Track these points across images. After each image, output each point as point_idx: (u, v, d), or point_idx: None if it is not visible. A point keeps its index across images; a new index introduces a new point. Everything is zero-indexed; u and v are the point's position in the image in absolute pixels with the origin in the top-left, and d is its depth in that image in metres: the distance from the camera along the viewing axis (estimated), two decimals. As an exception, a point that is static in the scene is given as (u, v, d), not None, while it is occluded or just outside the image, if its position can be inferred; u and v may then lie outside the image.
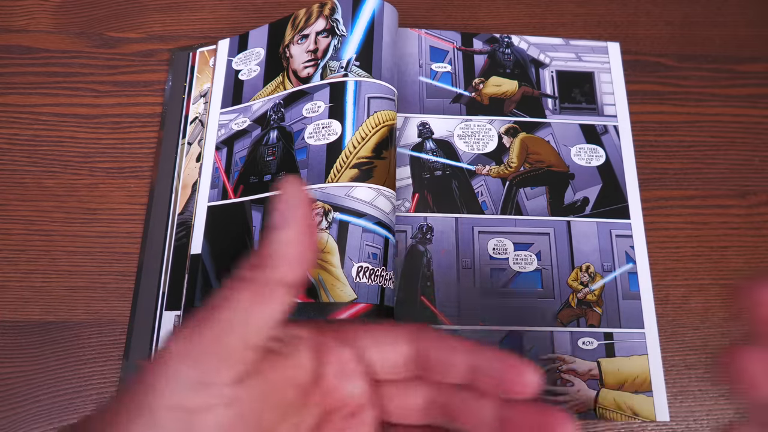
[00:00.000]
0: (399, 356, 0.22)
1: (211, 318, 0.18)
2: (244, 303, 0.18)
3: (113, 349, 0.36)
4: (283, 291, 0.19)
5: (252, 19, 0.45)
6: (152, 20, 0.45)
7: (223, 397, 0.18)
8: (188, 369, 0.18)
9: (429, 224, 0.39)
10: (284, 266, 0.19)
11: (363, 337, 0.23)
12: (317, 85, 0.39)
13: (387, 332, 0.23)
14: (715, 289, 0.40)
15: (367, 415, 0.22)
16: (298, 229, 0.19)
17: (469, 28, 0.46)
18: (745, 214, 0.42)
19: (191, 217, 0.39)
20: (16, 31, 0.44)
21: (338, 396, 0.22)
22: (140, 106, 0.43)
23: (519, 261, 0.39)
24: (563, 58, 0.45)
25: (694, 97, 0.45)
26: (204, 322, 0.18)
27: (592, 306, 0.38)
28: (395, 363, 0.22)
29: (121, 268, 0.38)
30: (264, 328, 0.19)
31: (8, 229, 0.39)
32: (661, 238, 0.41)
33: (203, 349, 0.18)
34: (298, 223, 0.19)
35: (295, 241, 0.19)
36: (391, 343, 0.22)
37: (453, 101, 0.43)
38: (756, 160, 0.43)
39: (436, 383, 0.22)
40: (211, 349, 0.18)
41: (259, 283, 0.19)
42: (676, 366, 0.38)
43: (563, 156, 0.42)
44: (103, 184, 0.40)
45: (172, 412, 0.17)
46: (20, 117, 0.42)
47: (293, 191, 0.19)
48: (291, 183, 0.19)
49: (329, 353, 0.22)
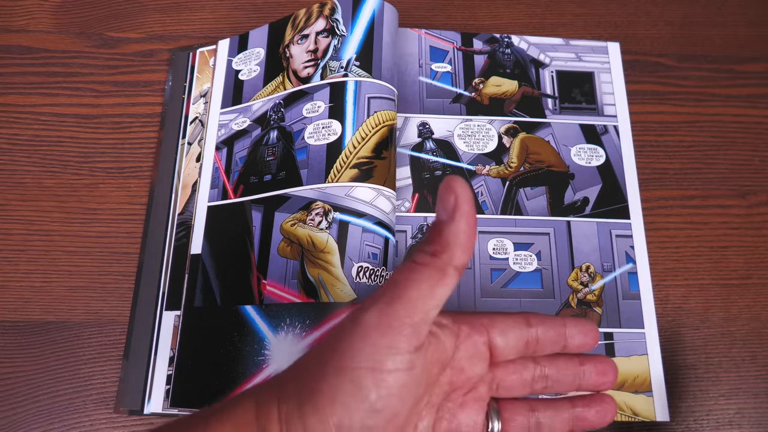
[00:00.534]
0: (518, 340, 0.27)
1: (402, 295, 0.22)
2: (427, 283, 0.22)
3: (113, 349, 0.36)
4: (456, 273, 0.23)
5: (252, 19, 0.45)
6: (152, 20, 0.45)
7: (407, 362, 0.22)
8: (383, 337, 0.21)
9: (429, 224, 0.39)
10: (459, 251, 0.22)
11: (491, 325, 0.26)
12: (317, 85, 0.39)
13: (508, 321, 0.27)
14: (715, 289, 0.40)
15: (481, 390, 0.26)
16: (468, 222, 0.22)
17: (469, 28, 0.46)
18: (745, 214, 0.42)
19: (191, 217, 0.39)
20: (16, 31, 0.44)
21: (465, 375, 0.26)
22: (140, 106, 0.43)
23: (519, 261, 0.39)
24: (563, 58, 0.45)
25: (694, 97, 0.45)
26: (396, 298, 0.22)
27: (592, 306, 0.38)
28: (515, 345, 0.27)
29: (121, 268, 0.38)
30: (438, 306, 0.23)
31: (8, 229, 0.39)
32: (661, 238, 0.41)
33: (396, 321, 0.22)
34: (468, 216, 0.22)
35: (466, 232, 0.22)
36: (513, 330, 0.27)
37: (453, 101, 0.43)
38: (756, 160, 0.43)
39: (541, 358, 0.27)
40: (402, 322, 0.22)
41: (438, 267, 0.22)
42: (676, 366, 0.38)
43: (563, 156, 0.42)
44: (103, 184, 0.40)
45: (370, 372, 0.21)
46: (20, 117, 0.42)
47: (462, 189, 0.22)
48: (459, 182, 0.22)
49: (465, 339, 0.26)
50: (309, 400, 0.21)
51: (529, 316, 0.27)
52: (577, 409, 0.27)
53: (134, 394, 0.35)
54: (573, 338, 0.27)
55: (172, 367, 0.35)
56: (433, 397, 0.25)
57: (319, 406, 0.21)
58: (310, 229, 0.35)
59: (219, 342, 0.34)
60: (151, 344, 0.36)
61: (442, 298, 0.22)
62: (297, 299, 0.34)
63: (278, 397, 0.22)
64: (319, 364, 0.22)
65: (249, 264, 0.36)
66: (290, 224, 0.36)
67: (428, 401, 0.25)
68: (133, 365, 0.36)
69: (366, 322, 0.22)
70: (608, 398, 0.28)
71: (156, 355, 0.36)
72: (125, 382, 0.35)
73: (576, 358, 0.28)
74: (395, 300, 0.22)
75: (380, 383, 0.21)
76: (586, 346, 0.28)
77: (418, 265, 0.23)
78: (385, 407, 0.21)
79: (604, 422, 0.27)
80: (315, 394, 0.21)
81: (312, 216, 0.35)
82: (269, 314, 0.34)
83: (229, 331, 0.34)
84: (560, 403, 0.28)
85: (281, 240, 0.36)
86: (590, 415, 0.27)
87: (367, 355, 0.21)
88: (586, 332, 0.28)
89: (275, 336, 0.33)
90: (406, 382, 0.22)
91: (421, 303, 0.22)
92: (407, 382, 0.22)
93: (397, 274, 0.23)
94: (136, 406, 0.35)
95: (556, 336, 0.27)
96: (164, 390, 0.35)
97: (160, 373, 0.35)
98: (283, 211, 0.36)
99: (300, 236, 0.35)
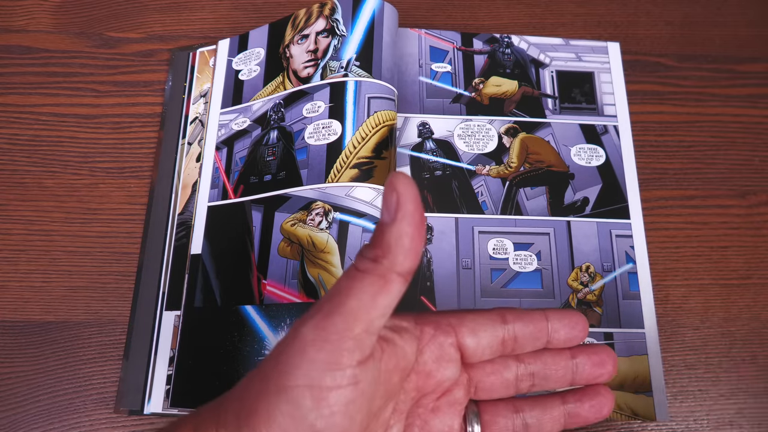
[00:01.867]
0: (493, 339, 0.25)
1: (340, 306, 0.20)
2: (368, 292, 0.20)
3: (113, 349, 0.36)
4: (401, 280, 0.21)
5: (252, 19, 0.45)
6: (152, 20, 0.45)
7: (349, 377, 0.20)
8: (321, 353, 0.20)
9: (429, 224, 0.39)
10: (401, 256, 0.21)
11: (460, 325, 0.25)
12: (317, 85, 0.39)
13: (480, 319, 0.25)
14: (715, 289, 0.40)
15: (457, 393, 0.25)
16: (411, 223, 0.21)
17: (469, 28, 0.46)
18: (745, 214, 0.42)
19: (191, 217, 0.39)
20: (16, 31, 0.44)
21: (435, 380, 0.24)
22: (140, 106, 0.43)
23: (519, 261, 0.39)
24: (563, 58, 0.45)
25: (694, 97, 0.45)
26: (334, 310, 0.20)
27: (592, 306, 0.38)
28: (489, 345, 0.25)
29: (121, 268, 0.38)
30: (384, 315, 0.21)
31: (8, 229, 0.39)
32: (661, 238, 0.41)
33: (335, 336, 0.20)
34: (411, 217, 0.20)
35: (410, 234, 0.21)
36: (485, 328, 0.25)
37: (453, 101, 0.43)
38: (756, 160, 0.43)
39: (525, 355, 0.25)
40: (341, 335, 0.20)
41: (379, 274, 0.21)
42: (676, 366, 0.38)
43: (563, 156, 0.42)
44: (103, 184, 0.40)
45: (308, 391, 0.20)
46: (20, 117, 0.42)
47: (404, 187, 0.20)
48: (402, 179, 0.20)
49: (430, 341, 0.24)
50: (246, 423, 0.20)
51: (505, 311, 0.25)
52: (568, 405, 0.26)
53: (134, 394, 0.35)
54: (558, 332, 0.25)
55: (172, 367, 0.35)
56: (399, 404, 0.24)
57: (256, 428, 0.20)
58: (310, 229, 0.35)
59: (219, 342, 0.34)
60: (151, 344, 0.36)
61: (387, 308, 0.21)
62: (297, 299, 0.34)
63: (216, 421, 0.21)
64: (262, 383, 0.21)
65: (249, 264, 0.36)
66: (290, 224, 0.36)
67: (395, 409, 0.24)
68: (133, 365, 0.36)
69: (303, 337, 0.20)
70: (603, 390, 0.26)
71: (156, 355, 0.36)
72: (125, 382, 0.35)
73: (567, 351, 0.26)
74: (333, 312, 0.20)
75: (320, 402, 0.20)
76: (574, 339, 0.26)
77: (359, 272, 0.21)
78: (327, 427, 0.20)
79: (600, 416, 0.26)
80: (252, 415, 0.20)
81: (312, 216, 0.36)
82: (269, 314, 0.34)
83: (229, 331, 0.34)
84: (549, 400, 0.26)
85: (281, 240, 0.36)
86: (584, 411, 0.26)
87: (305, 372, 0.20)
88: (572, 324, 0.25)
89: (275, 336, 0.33)
90: (352, 398, 0.20)
91: (362, 314, 0.20)
92: (354, 397, 0.20)
93: (339, 282, 0.21)
94: (136, 406, 0.35)
95: (536, 332, 0.25)
96: (164, 390, 0.35)
97: (160, 373, 0.35)
98: (283, 211, 0.36)
99: (300, 236, 0.35)
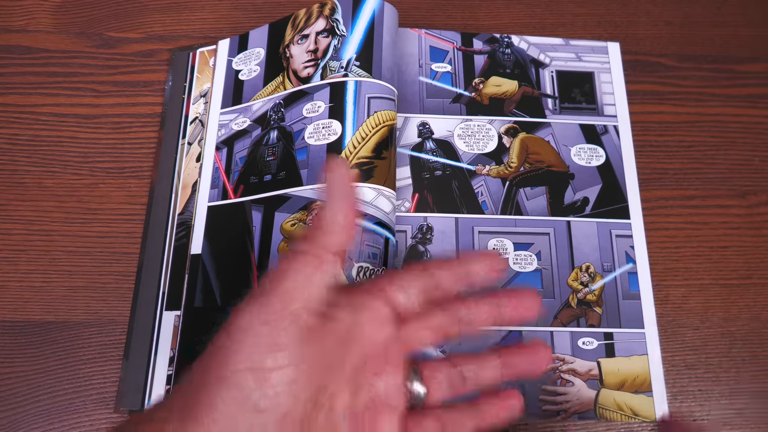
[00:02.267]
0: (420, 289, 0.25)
1: (277, 287, 0.21)
2: (303, 272, 0.22)
3: (113, 349, 0.36)
4: (334, 258, 0.22)
5: (252, 19, 0.45)
6: (152, 20, 0.45)
7: (291, 357, 0.21)
8: (261, 335, 0.21)
9: (429, 224, 0.39)
10: (336, 234, 0.22)
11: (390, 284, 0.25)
12: (317, 85, 0.39)
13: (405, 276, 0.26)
14: (715, 289, 0.40)
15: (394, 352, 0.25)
16: (343, 204, 0.22)
17: (469, 28, 0.46)
18: (745, 214, 0.42)
19: (191, 217, 0.39)
20: (16, 31, 0.44)
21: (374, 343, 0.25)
22: (140, 106, 0.43)
23: (519, 261, 0.39)
24: (563, 58, 0.45)
25: (694, 97, 0.45)
26: (271, 292, 0.21)
27: (592, 306, 0.38)
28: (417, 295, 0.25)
29: (121, 268, 0.38)
30: (321, 293, 0.22)
31: (8, 229, 0.39)
32: (661, 238, 0.41)
33: (273, 316, 0.21)
34: (342, 198, 0.22)
35: (343, 210, 0.22)
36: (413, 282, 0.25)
37: (453, 101, 0.43)
38: (756, 160, 0.43)
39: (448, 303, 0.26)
40: (278, 315, 0.21)
41: (314, 253, 0.22)
42: (676, 366, 0.38)
43: (563, 156, 0.42)
44: (103, 184, 0.40)
45: (251, 373, 0.20)
46: (20, 117, 0.42)
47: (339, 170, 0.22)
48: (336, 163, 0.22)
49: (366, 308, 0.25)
50: (190, 416, 0.20)
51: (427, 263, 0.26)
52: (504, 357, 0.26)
53: (134, 394, 0.35)
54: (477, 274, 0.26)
55: (172, 367, 0.35)
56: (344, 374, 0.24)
57: (199, 419, 0.20)
58: (310, 229, 0.35)
59: (219, 342, 0.34)
60: (151, 344, 0.36)
61: (322, 286, 0.22)
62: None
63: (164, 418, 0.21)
64: (203, 374, 0.21)
65: (249, 264, 0.36)
66: (290, 224, 0.36)
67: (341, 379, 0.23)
68: (133, 365, 0.36)
69: (241, 322, 0.21)
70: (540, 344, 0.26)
71: (156, 355, 0.36)
72: (125, 382, 0.35)
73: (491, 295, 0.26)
74: (270, 293, 0.21)
75: (263, 383, 0.20)
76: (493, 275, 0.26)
77: (295, 254, 0.22)
78: (271, 407, 0.20)
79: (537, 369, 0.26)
80: (195, 407, 0.20)
81: (312, 216, 0.36)
82: (269, 314, 0.34)
83: (229, 331, 0.34)
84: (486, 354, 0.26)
85: (281, 240, 0.36)
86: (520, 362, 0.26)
87: (246, 356, 0.20)
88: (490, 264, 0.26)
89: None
90: (294, 377, 0.21)
91: (298, 293, 0.21)
92: (296, 377, 0.21)
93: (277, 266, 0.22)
94: (136, 406, 0.35)
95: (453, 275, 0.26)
96: (164, 390, 0.35)
97: (160, 373, 0.36)
98: (283, 211, 0.36)
99: (300, 236, 0.35)
